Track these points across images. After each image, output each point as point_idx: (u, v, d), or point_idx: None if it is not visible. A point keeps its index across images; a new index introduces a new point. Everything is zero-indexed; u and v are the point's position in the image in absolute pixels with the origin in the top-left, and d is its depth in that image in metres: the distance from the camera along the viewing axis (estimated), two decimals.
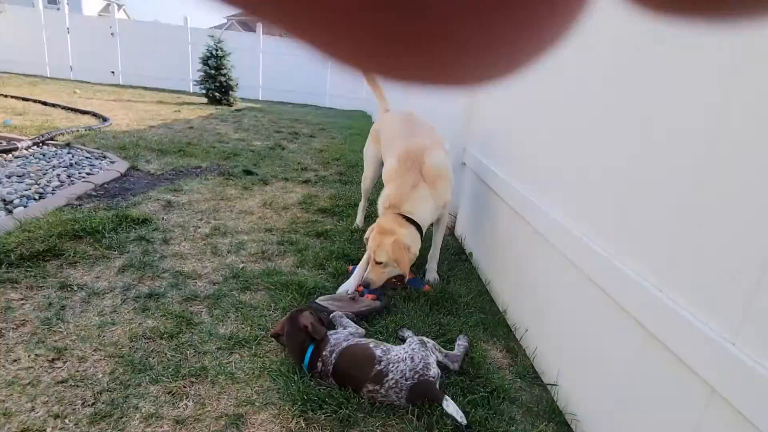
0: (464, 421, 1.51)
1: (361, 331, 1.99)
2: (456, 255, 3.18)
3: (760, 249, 1.01)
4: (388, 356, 1.70)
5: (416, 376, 1.64)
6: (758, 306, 1.00)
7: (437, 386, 1.65)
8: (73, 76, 14.10)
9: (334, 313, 2.07)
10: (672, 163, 1.30)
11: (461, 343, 1.98)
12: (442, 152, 2.63)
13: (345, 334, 1.88)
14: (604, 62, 1.69)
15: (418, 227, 2.46)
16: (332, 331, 1.91)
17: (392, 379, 1.64)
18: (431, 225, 2.73)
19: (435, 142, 2.70)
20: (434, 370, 1.67)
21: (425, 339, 1.84)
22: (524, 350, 2.16)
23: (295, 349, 1.84)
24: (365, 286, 2.42)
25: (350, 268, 2.67)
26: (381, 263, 2.36)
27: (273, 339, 2.01)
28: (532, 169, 2.28)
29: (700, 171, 1.19)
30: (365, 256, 2.56)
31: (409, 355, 1.70)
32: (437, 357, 1.79)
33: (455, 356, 1.89)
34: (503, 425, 1.60)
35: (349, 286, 2.46)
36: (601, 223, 1.63)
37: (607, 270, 1.53)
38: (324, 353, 1.78)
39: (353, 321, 2.07)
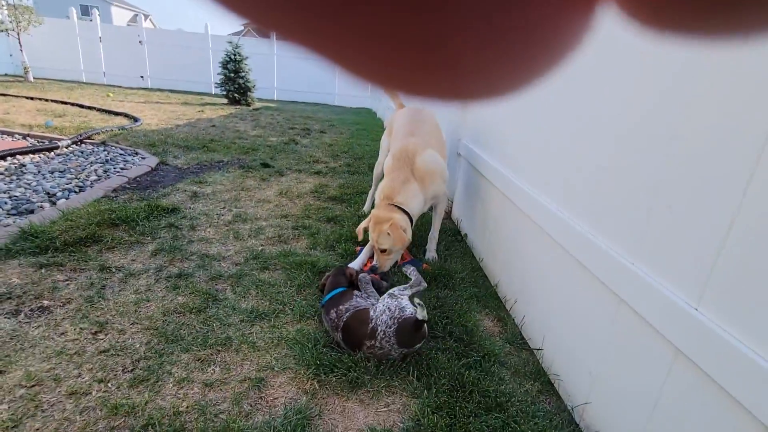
0: (421, 317, 1.61)
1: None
2: (453, 236, 3.18)
3: (715, 229, 1.00)
4: (375, 313, 1.74)
5: (396, 320, 1.68)
6: (718, 273, 1.01)
7: (418, 320, 1.65)
8: (106, 81, 14.11)
9: (362, 275, 2.11)
10: (640, 148, 1.29)
11: (409, 269, 2.16)
12: (432, 152, 2.66)
13: (365, 302, 1.90)
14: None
15: (409, 216, 2.51)
16: (358, 293, 1.96)
17: (381, 331, 1.68)
18: (430, 210, 2.79)
19: (428, 142, 2.71)
20: (409, 310, 1.72)
21: (392, 290, 1.89)
22: (513, 319, 2.17)
23: (328, 286, 2.00)
24: (374, 270, 2.43)
25: (358, 249, 2.69)
26: (385, 251, 2.39)
27: (288, 312, 2.04)
28: (517, 156, 2.27)
29: (664, 156, 1.18)
30: (370, 242, 2.58)
31: (387, 307, 1.75)
32: (407, 295, 1.85)
33: (417, 281, 1.98)
34: (494, 384, 1.62)
35: (356, 265, 2.49)
36: (578, 202, 1.63)
37: (584, 245, 1.54)
38: (341, 307, 1.83)
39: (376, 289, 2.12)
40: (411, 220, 2.52)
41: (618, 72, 1.45)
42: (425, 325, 1.69)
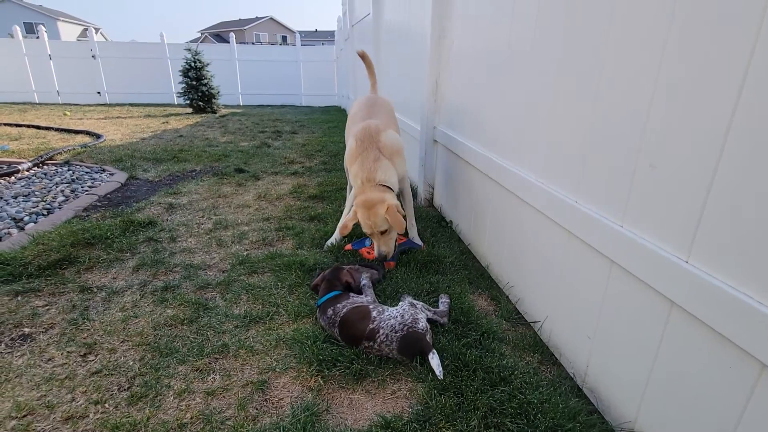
0: (441, 376, 1.54)
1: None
2: (437, 223, 3.20)
3: (698, 189, 1.04)
4: (382, 316, 1.73)
5: (405, 328, 1.66)
6: (704, 226, 1.05)
7: (427, 339, 1.67)
8: (61, 99, 13.50)
9: (365, 282, 2.08)
10: (618, 108, 1.32)
11: (444, 300, 2.02)
12: (393, 132, 2.66)
13: (362, 300, 1.90)
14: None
15: (392, 192, 2.46)
16: (354, 294, 1.96)
17: (383, 333, 1.67)
18: (398, 197, 2.75)
19: (388, 124, 2.72)
20: (423, 324, 1.70)
21: (414, 301, 1.88)
22: (507, 297, 2.21)
23: (322, 290, 1.99)
24: (383, 258, 2.37)
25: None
26: (385, 231, 2.33)
27: (282, 313, 2.01)
28: (495, 135, 2.29)
29: (642, 116, 1.22)
30: (344, 214, 2.64)
31: (400, 313, 1.73)
32: (427, 315, 1.82)
33: (443, 312, 1.92)
34: (496, 360, 1.64)
35: (332, 240, 2.72)
36: (560, 171, 1.66)
37: (571, 213, 1.57)
38: (338, 305, 1.83)
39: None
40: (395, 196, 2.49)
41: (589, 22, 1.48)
42: (428, 337, 1.69)
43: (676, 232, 1.13)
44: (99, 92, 13.69)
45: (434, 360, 1.57)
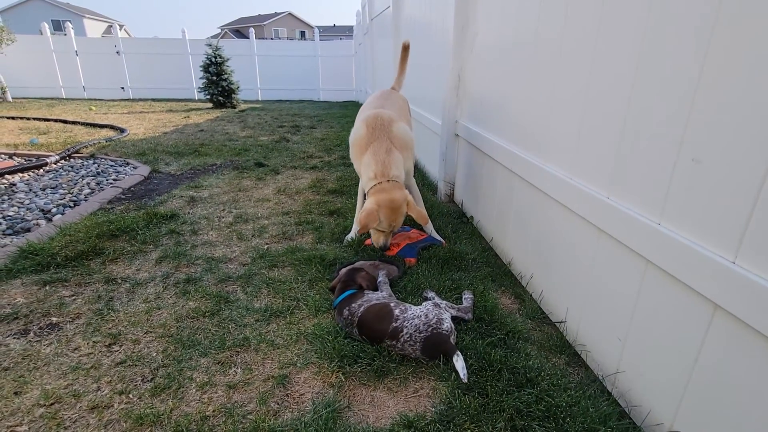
0: (465, 379, 1.49)
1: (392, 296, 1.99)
2: (458, 219, 3.15)
3: (750, 183, 0.97)
4: (405, 315, 1.69)
5: (429, 329, 1.62)
6: (754, 226, 0.98)
7: (451, 341, 1.63)
8: (87, 95, 13.85)
9: (381, 279, 2.06)
10: (657, 101, 1.25)
11: (467, 296, 1.97)
12: (405, 125, 2.61)
13: (378, 296, 1.87)
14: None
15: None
16: (369, 292, 1.92)
17: (407, 333, 1.63)
18: None
19: (399, 115, 2.67)
20: (447, 325, 1.66)
21: (438, 301, 1.84)
22: (530, 295, 2.15)
23: (338, 290, 1.96)
24: (383, 250, 2.43)
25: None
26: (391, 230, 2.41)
27: (303, 308, 2.01)
28: (521, 129, 2.23)
29: (685, 109, 1.15)
30: (358, 212, 2.67)
31: (424, 313, 1.69)
32: (451, 314, 1.78)
33: (466, 308, 1.88)
34: (521, 361, 1.60)
35: (352, 234, 2.70)
36: (592, 166, 1.59)
37: (602, 209, 1.51)
38: (353, 304, 1.79)
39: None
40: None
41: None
42: (453, 338, 1.65)
43: (722, 230, 1.06)
44: (123, 87, 13.99)
45: (459, 362, 1.53)
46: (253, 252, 2.62)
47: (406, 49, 3.49)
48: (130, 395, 1.50)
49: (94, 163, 4.78)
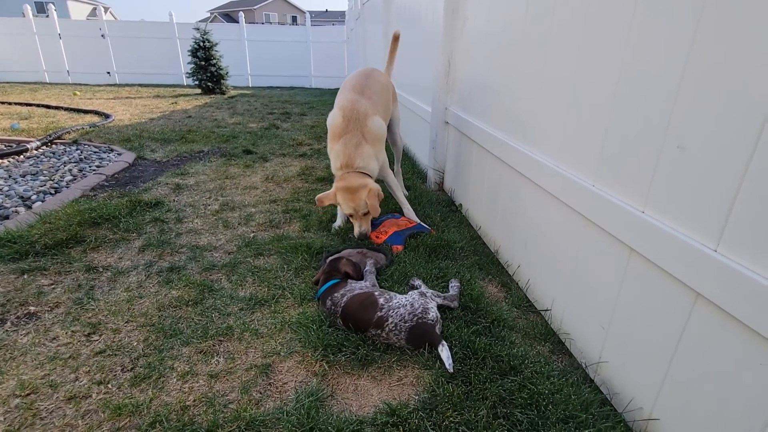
0: (451, 369, 1.48)
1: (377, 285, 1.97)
2: (447, 207, 3.14)
3: (733, 171, 0.96)
4: (390, 304, 1.68)
5: (415, 319, 1.61)
6: (735, 215, 0.97)
7: (436, 331, 1.62)
8: (71, 79, 13.52)
9: (368, 268, 2.05)
10: (643, 89, 1.24)
11: (454, 285, 1.97)
12: (380, 120, 2.69)
13: (362, 285, 1.85)
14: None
15: (371, 178, 2.57)
16: (353, 281, 1.90)
17: (392, 323, 1.62)
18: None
19: (376, 107, 2.71)
20: (433, 314, 1.65)
21: (424, 290, 1.83)
22: (517, 283, 2.15)
23: (321, 280, 1.94)
24: (363, 237, 2.48)
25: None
26: (366, 214, 2.47)
27: (288, 297, 1.99)
28: (510, 117, 2.20)
29: (671, 96, 1.13)
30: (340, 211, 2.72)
31: (410, 302, 1.68)
32: (437, 302, 1.77)
33: (452, 296, 1.87)
34: (506, 349, 1.60)
35: (338, 224, 2.72)
36: (578, 154, 1.58)
37: (587, 198, 1.50)
38: (336, 294, 1.78)
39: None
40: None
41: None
42: (438, 328, 1.64)
43: (705, 219, 1.05)
44: (108, 72, 13.67)
45: (444, 352, 1.52)
46: (239, 240, 2.58)
47: (396, 39, 3.46)
48: (109, 385, 1.47)
49: (77, 150, 4.67)
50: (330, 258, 2.08)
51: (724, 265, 0.99)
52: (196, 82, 11.29)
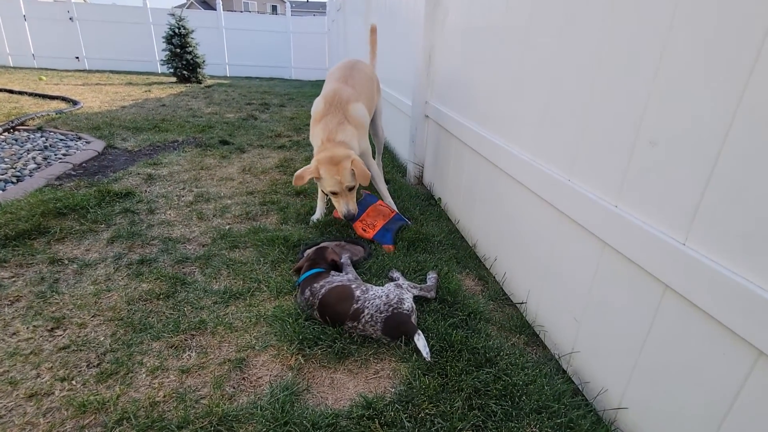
0: (428, 358, 1.49)
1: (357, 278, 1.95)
2: (426, 201, 3.14)
3: (702, 168, 0.99)
4: (366, 295, 1.67)
5: (390, 309, 1.61)
6: (703, 210, 0.99)
7: (412, 321, 1.63)
8: (37, 64, 12.87)
9: (344, 260, 2.02)
10: (616, 86, 1.25)
11: (432, 276, 1.97)
12: (362, 107, 2.62)
13: (342, 278, 1.83)
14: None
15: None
16: (335, 273, 1.88)
17: (368, 314, 1.61)
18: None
19: (360, 94, 2.64)
20: (408, 305, 1.65)
21: (401, 282, 1.82)
22: (494, 277, 2.17)
23: (306, 268, 1.89)
24: (350, 218, 2.36)
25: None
26: (352, 188, 2.33)
27: (264, 290, 1.95)
28: (487, 111, 2.21)
29: (643, 92, 1.15)
30: (320, 193, 2.64)
31: (385, 293, 1.68)
32: (414, 293, 1.77)
33: (429, 287, 1.88)
34: (481, 341, 1.61)
35: (317, 216, 2.66)
36: (552, 148, 1.59)
37: (562, 191, 1.52)
38: (315, 285, 1.75)
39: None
40: None
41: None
42: (413, 318, 1.64)
43: (674, 212, 1.08)
44: (77, 57, 13.09)
45: (420, 341, 1.53)
46: (213, 232, 2.52)
47: (373, 32, 3.42)
48: (73, 381, 1.41)
49: (41, 137, 4.46)
50: (318, 246, 2.05)
51: (692, 258, 1.01)
52: (171, 70, 10.94)
